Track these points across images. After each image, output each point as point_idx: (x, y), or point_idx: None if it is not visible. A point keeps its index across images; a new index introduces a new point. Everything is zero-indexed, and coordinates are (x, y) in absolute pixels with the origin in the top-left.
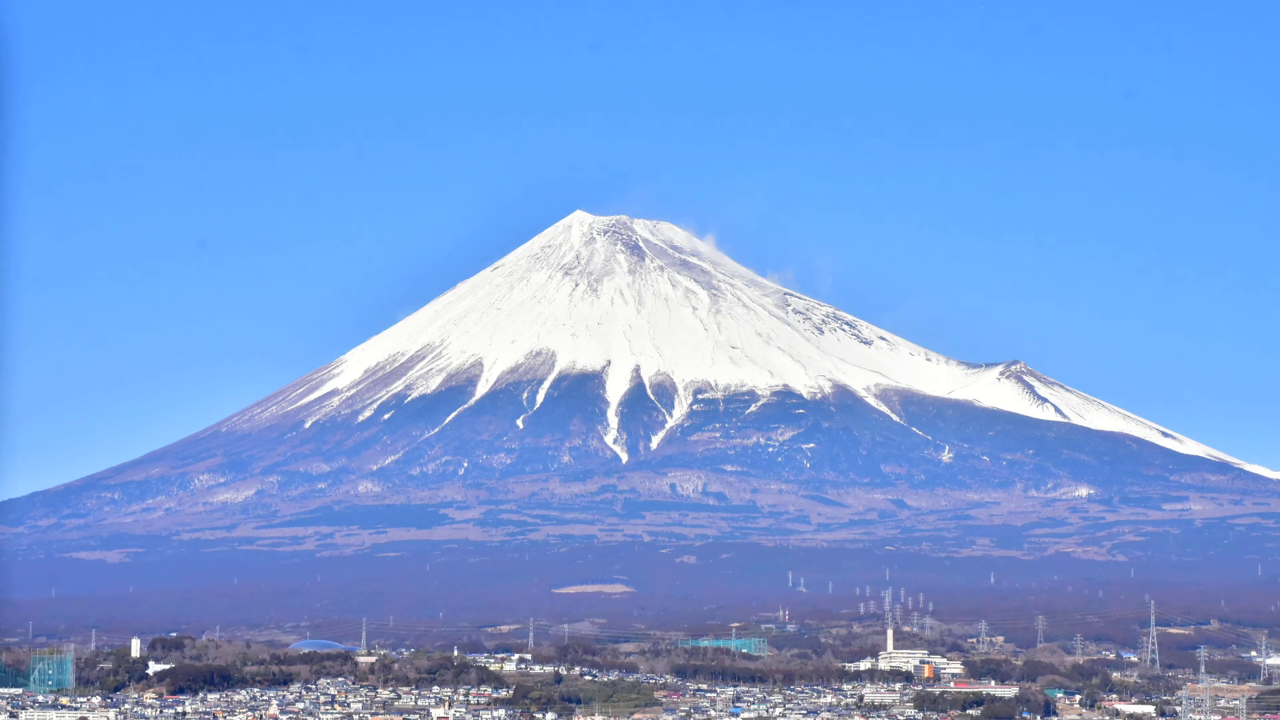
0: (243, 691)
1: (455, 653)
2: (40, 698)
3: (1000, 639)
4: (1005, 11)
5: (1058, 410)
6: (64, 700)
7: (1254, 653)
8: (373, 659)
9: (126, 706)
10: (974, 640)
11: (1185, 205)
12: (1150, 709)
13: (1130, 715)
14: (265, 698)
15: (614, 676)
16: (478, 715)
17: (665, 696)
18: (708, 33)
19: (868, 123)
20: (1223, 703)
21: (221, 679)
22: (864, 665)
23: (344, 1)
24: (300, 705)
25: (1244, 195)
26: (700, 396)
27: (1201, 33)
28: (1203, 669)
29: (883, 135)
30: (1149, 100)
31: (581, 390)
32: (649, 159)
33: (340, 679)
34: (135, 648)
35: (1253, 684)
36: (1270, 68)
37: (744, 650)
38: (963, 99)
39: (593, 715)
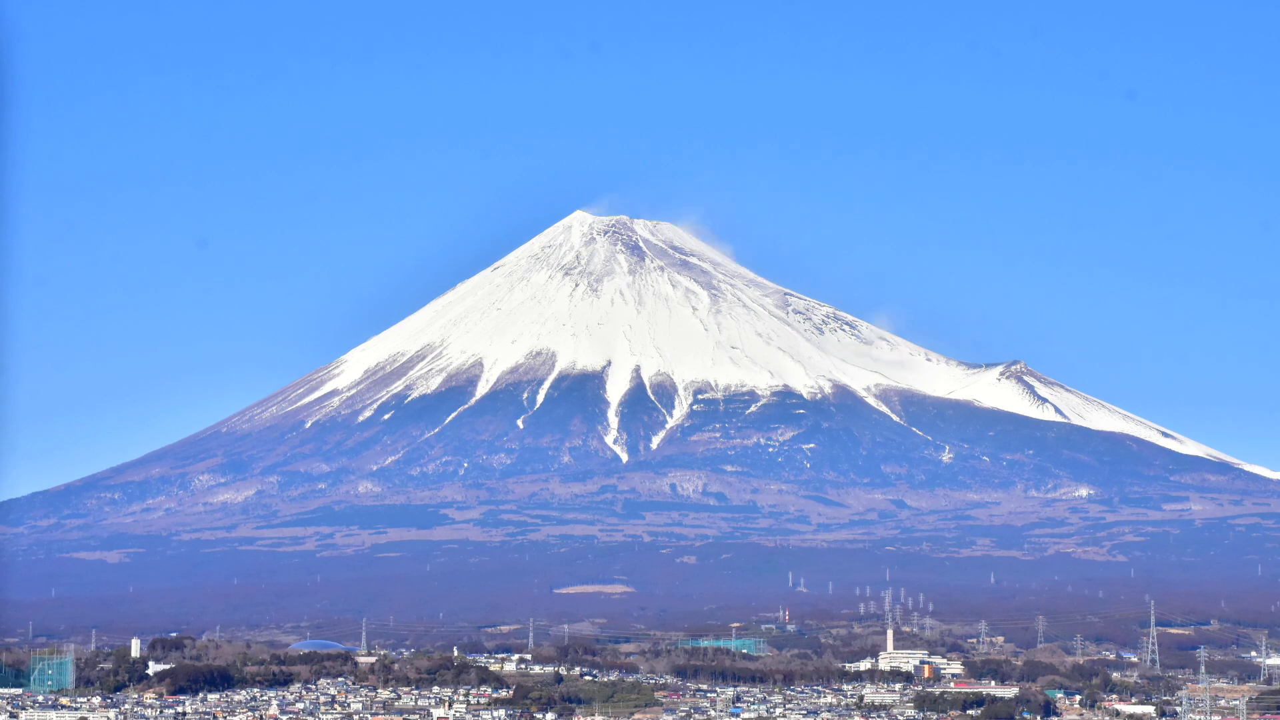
0: (243, 692)
1: (455, 653)
2: (40, 698)
3: (1000, 639)
4: (1005, 12)
5: (1058, 410)
6: (64, 700)
7: (1254, 653)
8: (373, 659)
9: (126, 707)
10: (974, 640)
11: (1185, 205)
12: (1150, 709)
13: (1130, 715)
14: (265, 698)
15: (614, 677)
16: (478, 715)
17: (665, 697)
18: (708, 32)
19: (868, 122)
20: (1223, 703)
21: (221, 679)
22: (864, 665)
23: (345, 1)
24: (300, 705)
25: (1244, 196)
26: (700, 396)
27: (1202, 33)
28: (1203, 669)
29: (883, 135)
30: (1149, 101)
31: (581, 390)
32: (649, 159)
33: (340, 679)
34: (135, 648)
35: (1253, 684)
36: (1270, 69)
37: (744, 650)
38: (963, 99)
39: (593, 715)
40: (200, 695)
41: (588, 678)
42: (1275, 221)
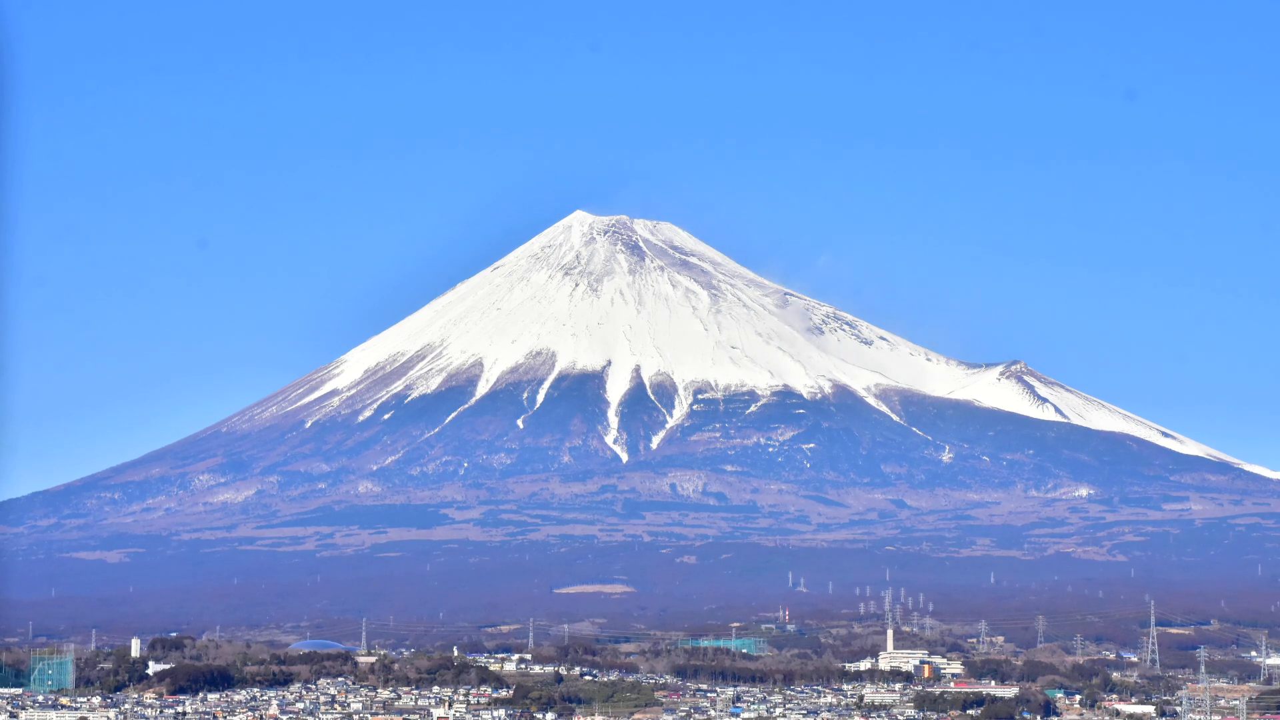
0: (243, 691)
1: (455, 653)
2: (40, 698)
3: (1000, 639)
4: (1005, 12)
5: (1058, 410)
6: (64, 700)
7: (1254, 653)
8: (373, 659)
9: (126, 706)
10: (974, 640)
11: (1185, 205)
12: (1150, 709)
13: (1130, 715)
14: (265, 698)
15: (614, 676)
16: (478, 715)
17: (665, 696)
18: (708, 32)
19: (868, 122)
20: (1223, 703)
21: (221, 679)
22: (864, 665)
23: (345, 1)
24: (300, 705)
25: (1244, 195)
26: (700, 396)
27: (1202, 33)
28: (1203, 669)
29: (882, 135)
30: (1149, 100)
31: (582, 390)
32: (649, 159)
33: (340, 679)
34: (135, 648)
35: (1253, 684)
36: (1270, 69)
37: (744, 650)
38: (963, 99)
39: (593, 715)
40: (200, 695)
41: (588, 678)
42: (1275, 221)
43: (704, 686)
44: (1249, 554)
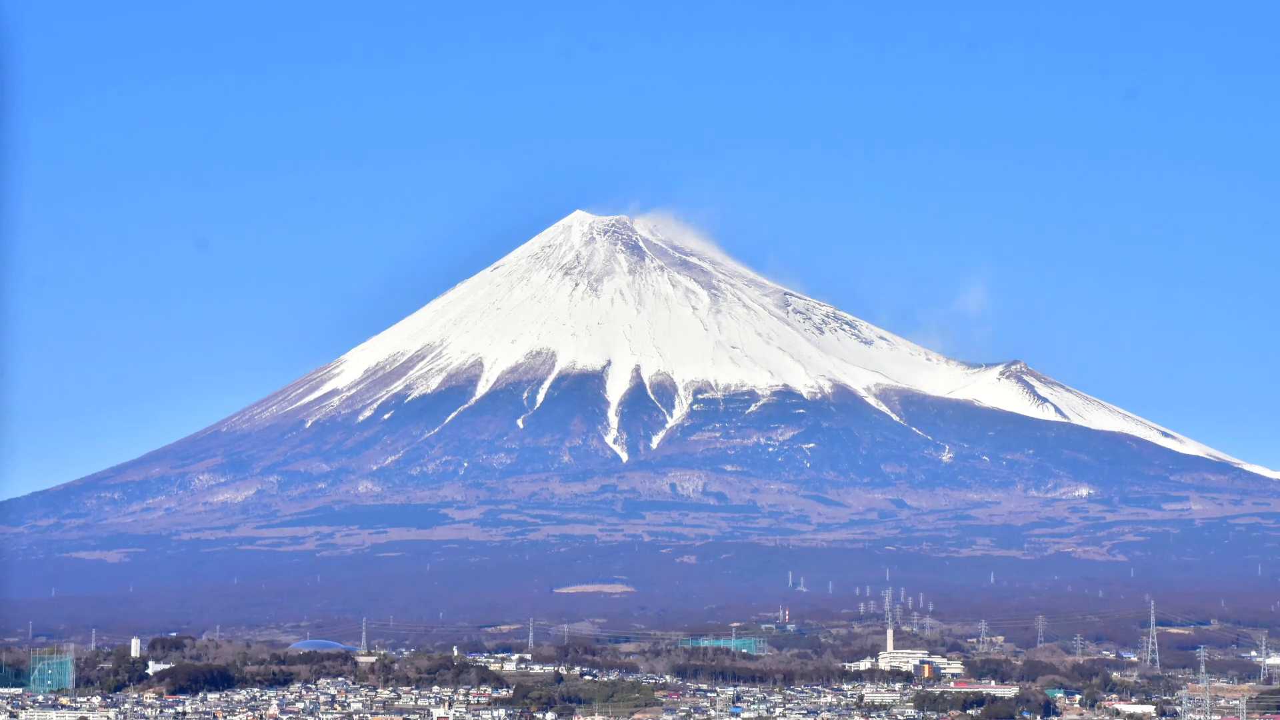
0: (243, 691)
1: (455, 653)
2: (40, 698)
3: (1000, 639)
4: (1005, 12)
5: (1058, 410)
6: (64, 700)
7: (1254, 653)
8: (373, 659)
9: (126, 706)
10: (974, 640)
11: (1185, 205)
12: (1150, 709)
13: (1130, 715)
14: (265, 698)
15: (614, 676)
16: (478, 715)
17: (665, 696)
18: (708, 32)
19: (868, 122)
20: (1223, 703)
21: (221, 679)
22: (864, 665)
23: (345, 2)
24: (300, 705)
25: (1244, 195)
26: (700, 396)
27: (1202, 33)
28: (1203, 669)
29: (882, 135)
30: (1150, 101)
31: (582, 390)
32: (649, 159)
33: (340, 679)
34: (135, 648)
35: (1253, 684)
36: (1270, 69)
37: (744, 650)
38: (963, 98)
39: (593, 715)
40: (200, 695)
41: (588, 677)
42: (1275, 221)
43: (704, 686)
44: (1249, 554)
